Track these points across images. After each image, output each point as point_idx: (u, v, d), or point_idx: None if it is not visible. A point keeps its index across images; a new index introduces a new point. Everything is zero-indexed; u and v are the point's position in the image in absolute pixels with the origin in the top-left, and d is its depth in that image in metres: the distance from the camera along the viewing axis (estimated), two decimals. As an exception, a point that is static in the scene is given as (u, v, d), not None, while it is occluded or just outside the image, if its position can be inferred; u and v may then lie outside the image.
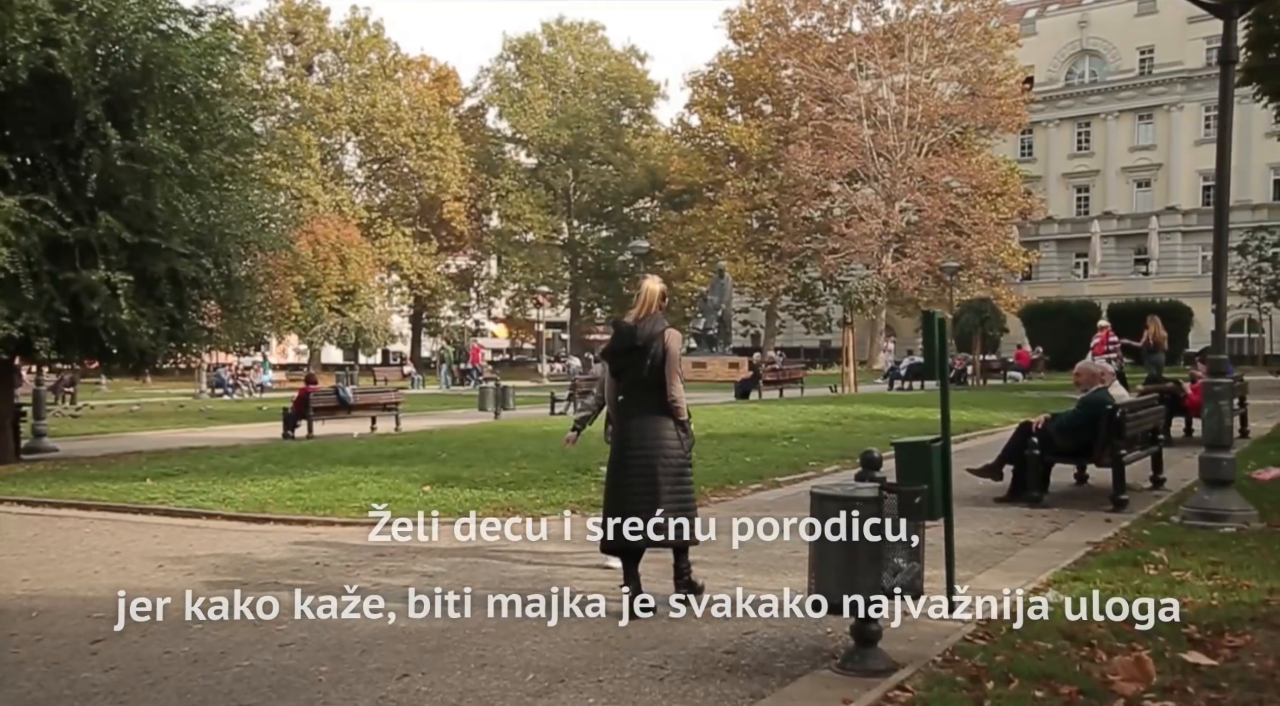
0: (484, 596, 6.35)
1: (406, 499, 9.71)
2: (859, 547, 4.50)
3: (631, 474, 5.98)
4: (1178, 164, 58.01)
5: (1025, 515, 8.66)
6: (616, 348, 6.06)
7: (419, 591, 6.53)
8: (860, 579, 4.49)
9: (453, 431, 16.43)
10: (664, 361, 5.87)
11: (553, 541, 8.19)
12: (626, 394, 6.07)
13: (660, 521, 5.87)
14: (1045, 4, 64.65)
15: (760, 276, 52.10)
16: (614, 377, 6.19)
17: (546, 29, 64.41)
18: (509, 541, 8.27)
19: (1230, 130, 7.94)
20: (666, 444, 5.95)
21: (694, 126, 57.87)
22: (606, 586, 6.59)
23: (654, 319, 5.94)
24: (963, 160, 50.48)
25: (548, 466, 11.46)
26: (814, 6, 54.05)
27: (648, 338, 5.88)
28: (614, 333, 6.18)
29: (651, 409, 5.94)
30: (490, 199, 62.04)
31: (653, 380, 5.91)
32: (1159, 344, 23.57)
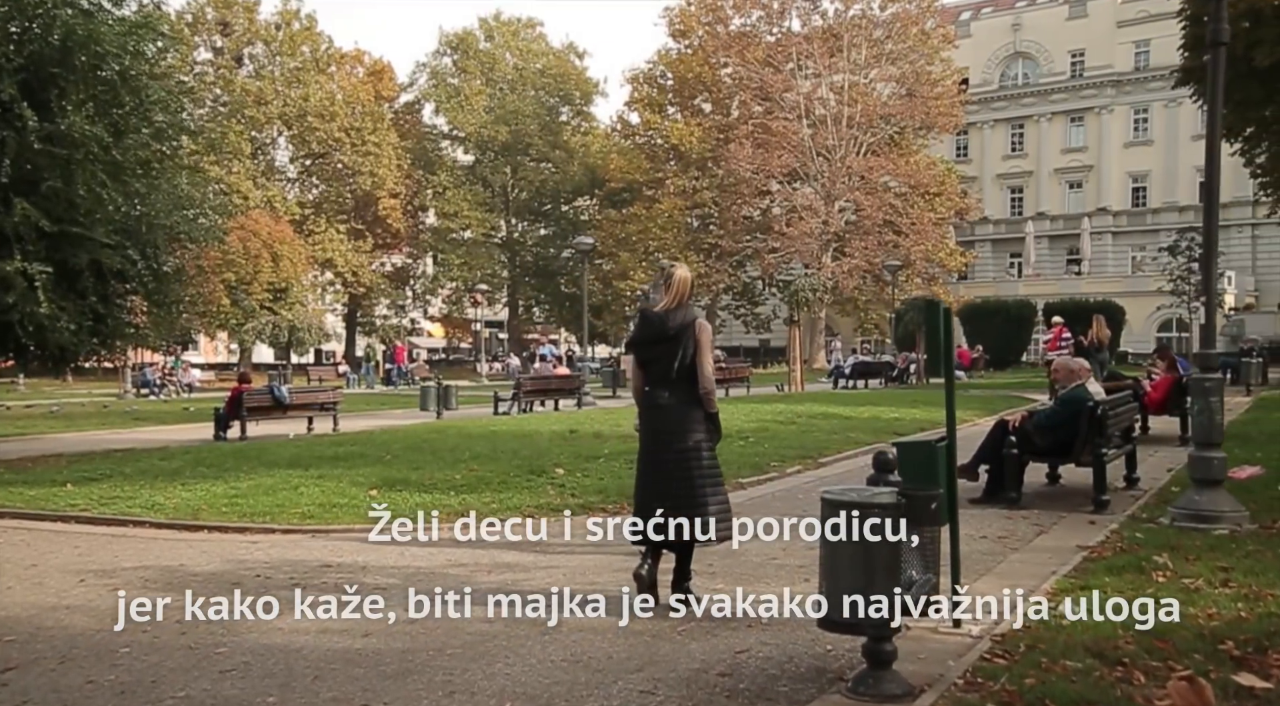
0: (445, 613, 5.82)
1: (352, 504, 9.11)
2: (877, 559, 4.06)
3: (666, 469, 5.81)
4: (1108, 166, 58.94)
5: (1005, 517, 8.33)
6: (645, 338, 5.86)
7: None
8: (877, 594, 4.05)
9: (395, 432, 15.76)
10: (695, 353, 5.74)
11: (513, 548, 7.70)
12: (655, 385, 5.88)
13: (695, 514, 5.74)
14: (979, 6, 65.37)
15: (701, 275, 51.76)
16: (641, 369, 5.98)
17: (484, 25, 63.56)
18: (463, 548, 7.76)
19: (1218, 113, 7.66)
20: (697, 437, 5.81)
21: (634, 124, 57.47)
22: (576, 597, 6.10)
23: (684, 309, 5.81)
24: (901, 160, 50.72)
25: (501, 469, 10.91)
26: (753, 5, 53.94)
27: (679, 328, 5.73)
28: (641, 323, 5.99)
29: (682, 400, 5.79)
30: (427, 196, 60.98)
31: (683, 371, 5.77)
32: (1102, 342, 23.72)
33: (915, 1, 51.47)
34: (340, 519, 8.67)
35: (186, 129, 14.62)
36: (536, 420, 17.83)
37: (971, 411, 19.06)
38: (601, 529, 8.54)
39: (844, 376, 31.27)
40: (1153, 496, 8.80)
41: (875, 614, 4.04)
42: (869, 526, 4.03)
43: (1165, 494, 8.82)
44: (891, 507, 4.09)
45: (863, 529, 4.03)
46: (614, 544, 7.74)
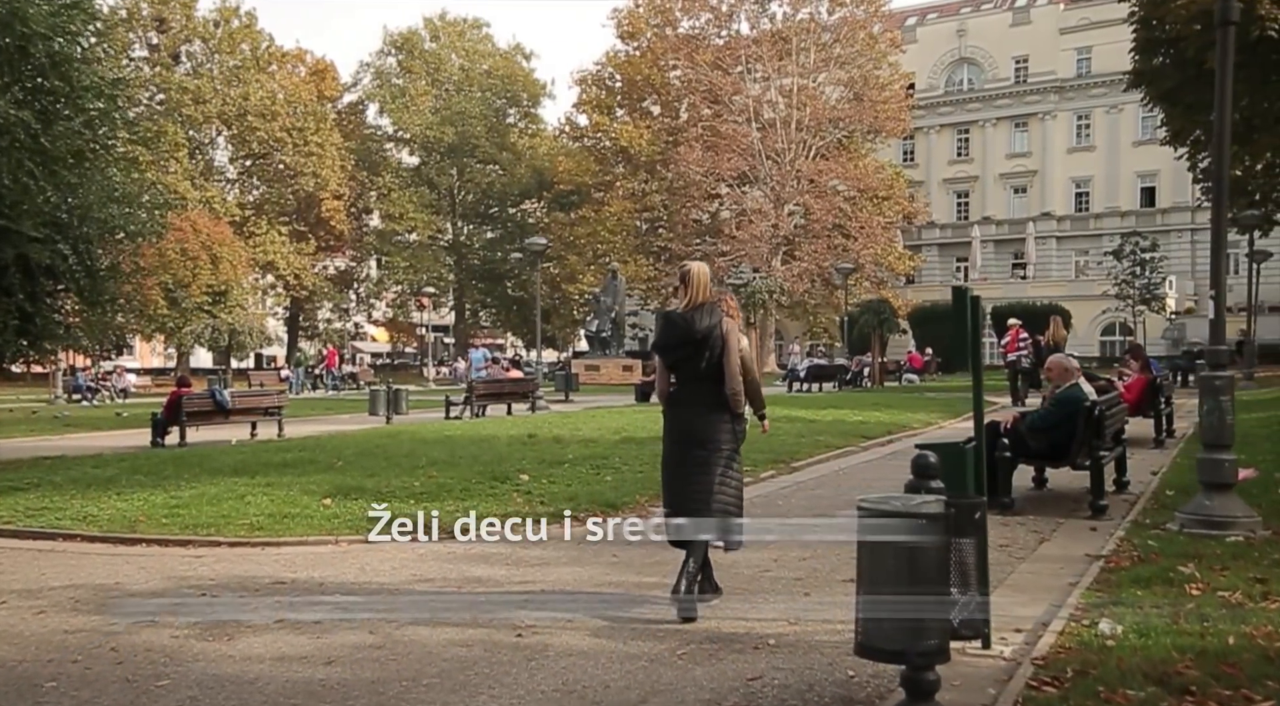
0: (416, 637, 5.25)
1: (305, 514, 8.47)
2: (925, 577, 3.56)
3: (691, 471, 5.69)
4: (1052, 171, 59.53)
5: (1001, 524, 7.91)
6: (672, 341, 5.74)
7: (334, 630, 5.40)
8: (925, 617, 3.56)
9: (345, 437, 15.06)
10: (723, 353, 5.64)
11: (482, 562, 7.13)
12: (682, 386, 5.80)
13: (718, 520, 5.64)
14: (925, 12, 65.75)
15: (650, 279, 51.43)
16: (668, 371, 5.87)
17: (429, 25, 62.65)
18: (429, 562, 7.18)
19: (1229, 93, 7.32)
20: (724, 440, 5.69)
21: (582, 126, 56.95)
22: (559, 617, 5.56)
23: (708, 308, 5.68)
24: (849, 164, 50.74)
25: (461, 475, 10.31)
26: (701, 8, 53.70)
27: (706, 329, 5.61)
28: (665, 325, 5.84)
29: (710, 402, 5.69)
30: (371, 198, 59.94)
31: (711, 373, 5.67)
32: (1059, 344, 23.64)
33: (862, 6, 51.52)
34: (292, 530, 8.04)
35: (121, 118, 13.76)
36: (492, 424, 17.22)
37: (935, 414, 18.82)
38: (577, 537, 8.03)
39: (798, 379, 31.02)
40: (1150, 500, 8.45)
41: (923, 641, 3.54)
42: (915, 539, 3.55)
43: (1161, 498, 8.49)
44: (939, 518, 3.61)
45: (908, 542, 3.54)
46: (591, 557, 7.24)
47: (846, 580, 6.22)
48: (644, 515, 8.87)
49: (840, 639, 5.00)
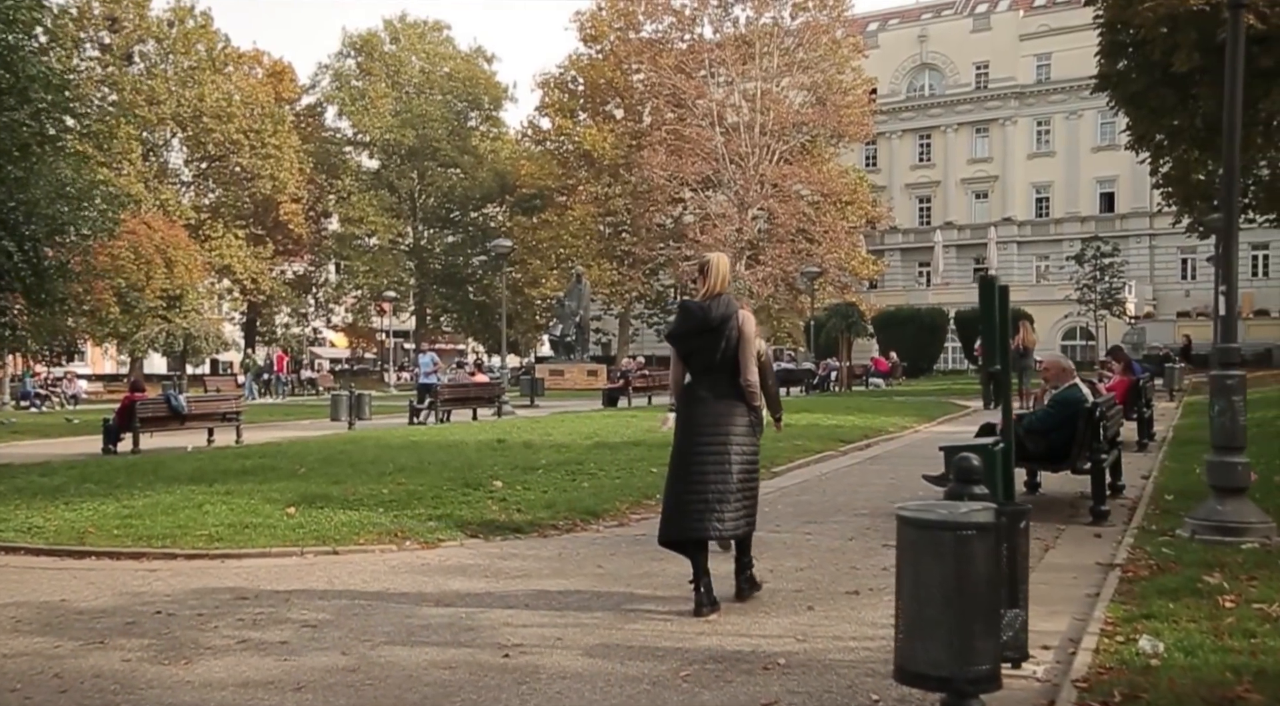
0: (393, 658, 4.82)
1: (268, 524, 7.98)
2: (975, 594, 3.18)
3: (702, 464, 5.49)
4: (1013, 176, 59.88)
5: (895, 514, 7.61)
6: (687, 330, 5.61)
7: (303, 651, 4.95)
8: (975, 639, 3.18)
9: (306, 443, 14.53)
10: (739, 344, 5.53)
11: (459, 574, 6.70)
12: (696, 378, 5.66)
13: (731, 512, 5.48)
14: (886, 18, 66.00)
15: (614, 283, 51.02)
16: (681, 362, 5.73)
17: (389, 26, 61.84)
18: (402, 574, 6.74)
19: (1239, 74, 7.04)
20: (739, 431, 5.56)
21: (545, 129, 56.45)
22: (547, 635, 5.15)
23: (725, 299, 5.59)
24: (813, 168, 50.63)
25: (432, 482, 9.86)
26: (664, 11, 53.41)
27: (721, 319, 5.51)
28: (682, 314, 5.70)
29: (724, 394, 5.56)
30: (330, 201, 59.02)
31: (726, 364, 5.56)
32: (1029, 348, 23.56)
33: (825, 11, 51.50)
34: (255, 541, 7.55)
35: (71, 111, 13.17)
36: (459, 429, 16.74)
37: (909, 418, 18.60)
38: (558, 547, 7.62)
39: (766, 384, 30.72)
40: (1150, 505, 8.17)
41: (973, 665, 3.17)
42: (965, 552, 3.17)
43: (1161, 502, 8.21)
44: (990, 529, 3.24)
45: (957, 556, 3.17)
46: (575, 568, 6.84)
47: (849, 592, 5.88)
48: (624, 523, 8.52)
49: (856, 657, 4.65)
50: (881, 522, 8.22)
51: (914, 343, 42.81)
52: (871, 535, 7.70)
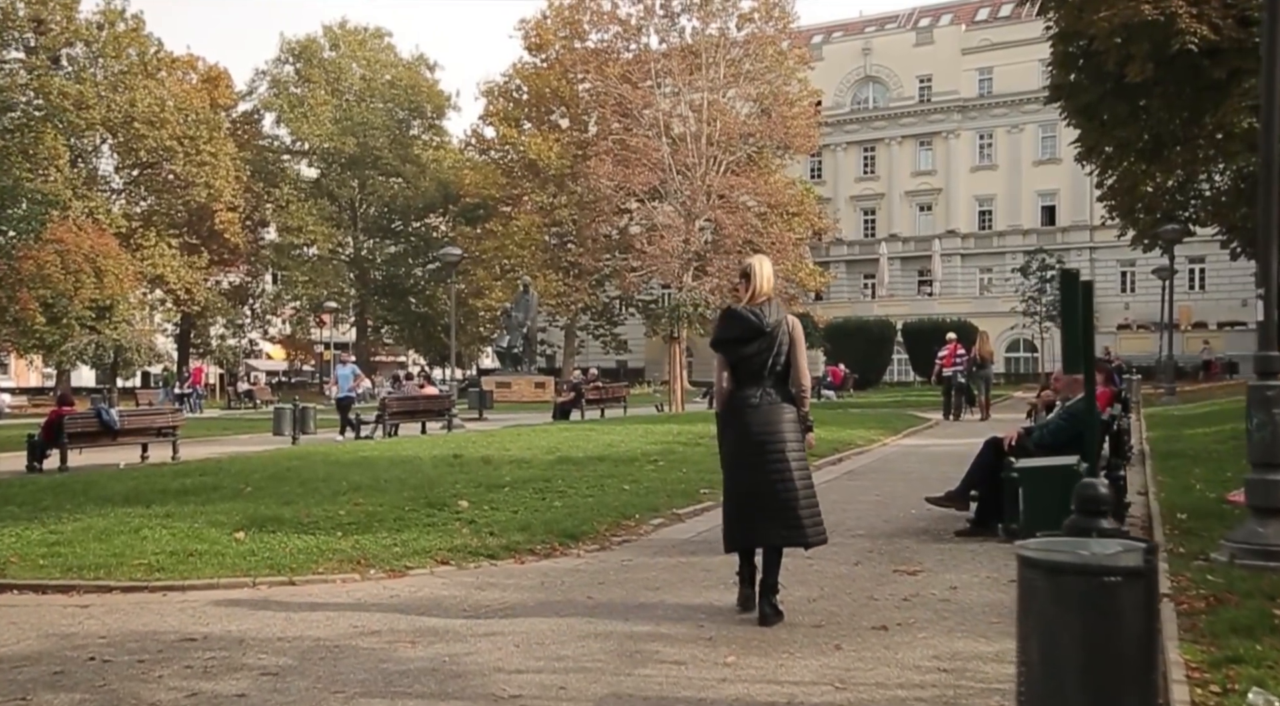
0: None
1: (215, 551, 7.22)
2: (1124, 655, 2.59)
3: (763, 470, 5.44)
4: (956, 189, 60.26)
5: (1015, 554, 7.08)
6: (737, 336, 5.54)
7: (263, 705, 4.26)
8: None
9: (249, 459, 13.66)
10: (792, 349, 5.53)
11: (434, 608, 6.01)
12: (744, 385, 5.57)
13: (808, 518, 5.46)
14: (830, 30, 66.21)
15: (560, 294, 50.32)
16: (727, 368, 5.64)
17: (329, 33, 60.67)
18: (370, 609, 6.04)
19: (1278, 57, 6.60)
20: (792, 437, 5.50)
21: (489, 138, 55.66)
22: (547, 683, 4.51)
23: (774, 303, 5.58)
24: (760, 179, 50.47)
25: (391, 501, 9.13)
26: (610, 21, 52.95)
27: (774, 324, 5.49)
28: (730, 320, 5.59)
29: (775, 400, 5.52)
30: (268, 210, 57.58)
31: (778, 370, 5.52)
32: (986, 358, 23.38)
33: (771, 22, 51.43)
34: (200, 570, 6.79)
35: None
36: (410, 444, 15.95)
37: (875, 431, 18.16)
38: (538, 574, 6.96)
39: (719, 396, 30.26)
40: (1166, 525, 7.68)
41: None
42: (1111, 604, 2.58)
43: (1175, 521, 7.73)
44: (1141, 574, 2.65)
45: (1102, 608, 2.58)
46: (563, 600, 6.18)
47: (876, 627, 5.29)
48: (606, 547, 7.90)
49: (911, 711, 4.06)
50: (882, 544, 7.69)
51: (862, 354, 42.66)
52: (877, 559, 7.15)
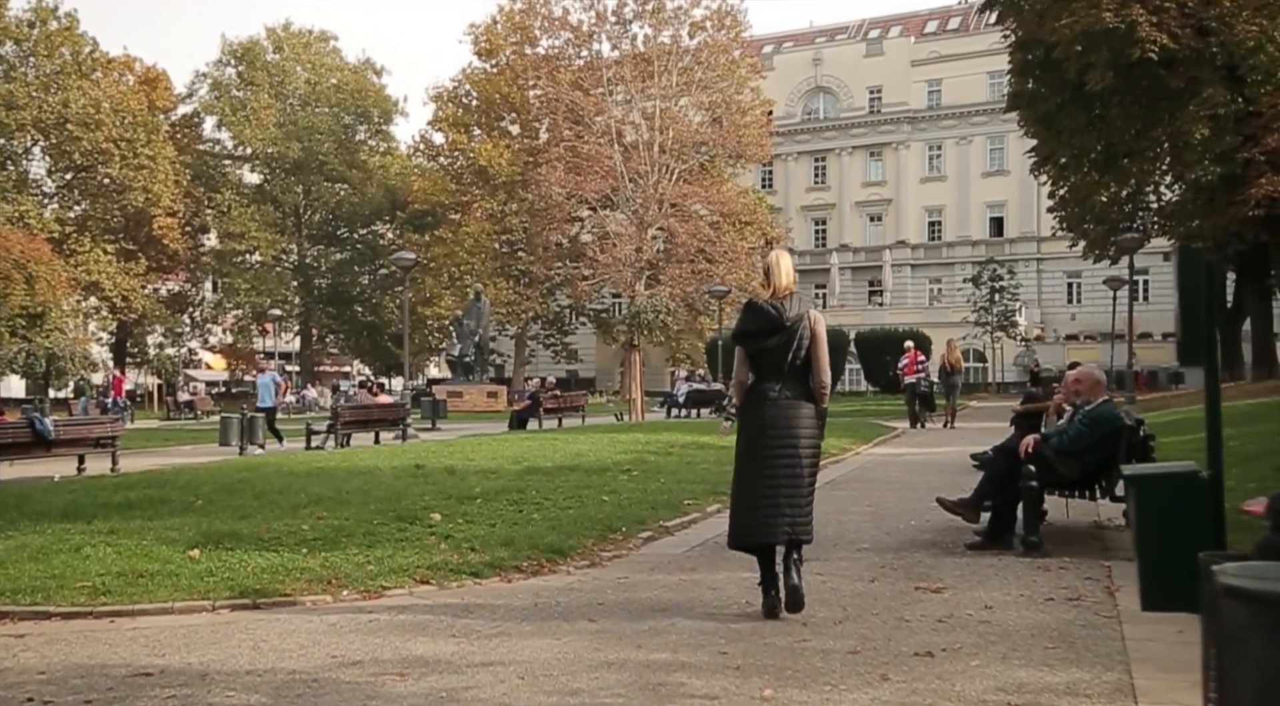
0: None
1: (167, 571, 6.52)
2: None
3: (775, 466, 5.41)
4: (906, 199, 60.57)
5: (1040, 568, 6.63)
6: (758, 329, 5.51)
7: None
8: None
9: (196, 471, 12.85)
10: (812, 344, 5.48)
11: (420, 633, 5.40)
12: (763, 379, 5.54)
13: (804, 515, 5.45)
14: (781, 40, 66.31)
15: (510, 303, 49.58)
16: (747, 362, 5.59)
17: (272, 35, 59.38)
18: (347, 635, 5.41)
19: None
20: (809, 433, 5.49)
21: (438, 144, 54.79)
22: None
23: (797, 298, 5.55)
24: (712, 188, 50.22)
25: (357, 515, 8.47)
26: (562, 27, 52.39)
27: (795, 319, 5.44)
28: (750, 313, 5.60)
29: (795, 395, 5.49)
30: (209, 216, 56.14)
31: (798, 364, 5.49)
32: (955, 367, 23.14)
33: (723, 31, 51.21)
34: (153, 593, 6.10)
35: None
36: (366, 454, 15.22)
37: (845, 440, 17.72)
38: (528, 594, 6.36)
39: (678, 405, 29.85)
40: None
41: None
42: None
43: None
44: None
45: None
46: (561, 623, 5.58)
47: (919, 654, 4.76)
48: (597, 563, 7.32)
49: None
50: (892, 558, 7.20)
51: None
52: (892, 575, 6.65)
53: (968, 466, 13.40)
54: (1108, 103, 26.28)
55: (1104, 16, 23.04)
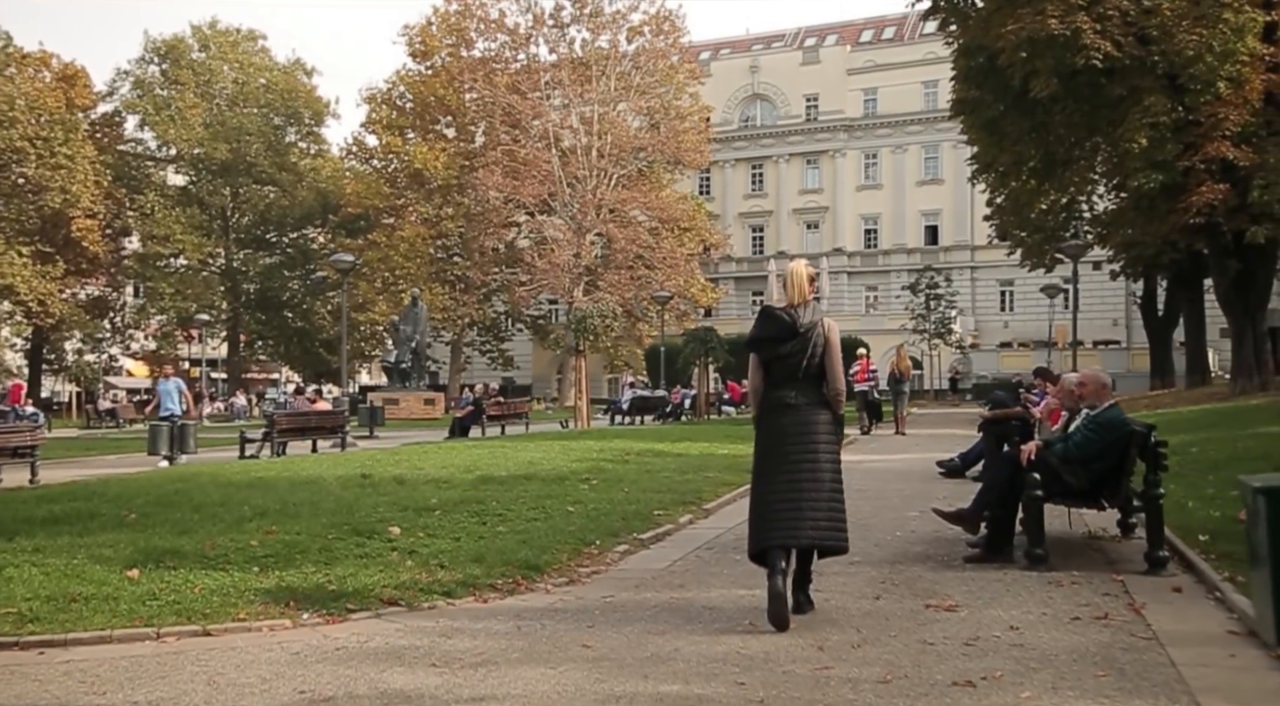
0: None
1: (104, 594, 5.86)
2: None
3: (793, 472, 5.39)
4: (843, 207, 60.85)
5: (1052, 584, 6.24)
6: (772, 336, 5.53)
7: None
8: None
9: (126, 482, 12.02)
10: (826, 351, 5.46)
11: (395, 662, 4.84)
12: (779, 386, 5.55)
13: (826, 520, 5.40)
14: (718, 47, 66.34)
15: (446, 308, 48.69)
16: (763, 369, 5.61)
17: (198, 33, 57.69)
18: (313, 665, 4.84)
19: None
20: (827, 439, 5.48)
21: (371, 146, 53.68)
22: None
23: (810, 305, 5.55)
24: (651, 193, 49.98)
25: (309, 528, 7.84)
26: (498, 29, 51.85)
27: (809, 326, 5.44)
28: (766, 320, 5.60)
29: (809, 401, 5.47)
30: (131, 218, 54.31)
31: (812, 371, 5.49)
32: (904, 374, 22.99)
33: (661, 37, 51.02)
34: (88, 620, 5.45)
35: None
36: (306, 463, 14.46)
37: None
38: (509, 616, 5.82)
39: (621, 412, 29.37)
40: (1196, 550, 6.92)
41: None
42: None
43: (1198, 544, 6.98)
44: None
45: None
46: (552, 648, 5.06)
47: (958, 684, 4.33)
48: (576, 580, 6.81)
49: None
50: (889, 573, 6.78)
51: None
52: (896, 592, 6.22)
53: (933, 474, 13.17)
54: (1050, 110, 26.42)
55: (1049, 23, 23.10)
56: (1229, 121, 23.86)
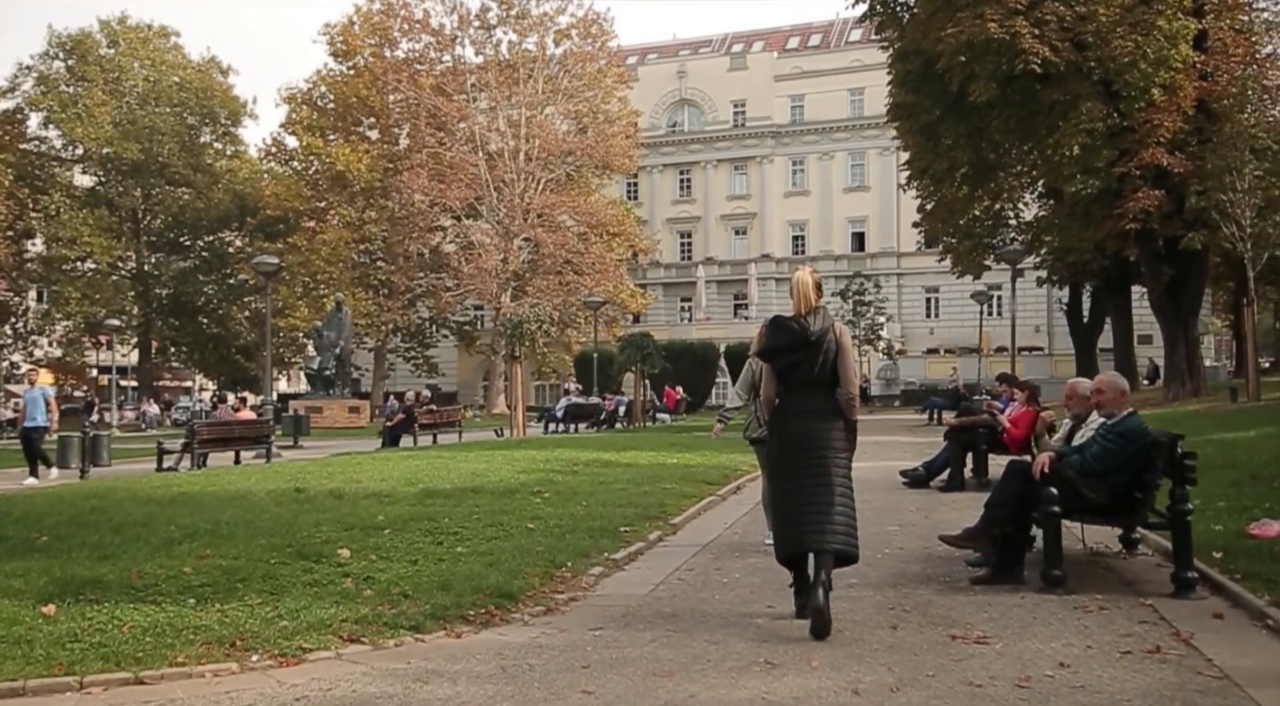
0: None
1: (16, 636, 5.04)
2: None
3: (807, 478, 5.39)
4: (770, 213, 60.86)
5: (1080, 609, 5.74)
6: (785, 344, 5.54)
7: None
8: None
9: (33, 499, 10.99)
10: (838, 357, 5.48)
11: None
12: (791, 393, 5.55)
13: (842, 526, 5.36)
14: (645, 52, 65.97)
15: (370, 314, 47.36)
16: (774, 377, 5.64)
17: (106, 28, 55.44)
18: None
19: None
20: (839, 445, 5.47)
21: (291, 148, 52.06)
22: None
23: (820, 312, 5.55)
24: (580, 198, 49.33)
25: (248, 552, 7.06)
26: (423, 29, 50.71)
27: (820, 333, 5.45)
28: (776, 329, 5.63)
29: (823, 408, 5.49)
30: (34, 219, 51.90)
31: (825, 378, 5.49)
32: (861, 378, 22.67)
33: (589, 40, 50.41)
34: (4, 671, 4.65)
35: None
36: (232, 476, 13.52)
37: (748, 456, 16.88)
38: (490, 653, 5.15)
39: (555, 420, 28.65)
40: (1215, 568, 6.47)
41: None
42: None
43: (1213, 562, 6.54)
44: None
45: None
46: (547, 695, 4.42)
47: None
48: (554, 608, 6.14)
49: None
50: (895, 597, 6.24)
51: (687, 377, 41.84)
52: (911, 620, 5.66)
53: (896, 483, 12.77)
54: (987, 115, 26.44)
55: (989, 27, 23.07)
56: (1163, 128, 24.08)
